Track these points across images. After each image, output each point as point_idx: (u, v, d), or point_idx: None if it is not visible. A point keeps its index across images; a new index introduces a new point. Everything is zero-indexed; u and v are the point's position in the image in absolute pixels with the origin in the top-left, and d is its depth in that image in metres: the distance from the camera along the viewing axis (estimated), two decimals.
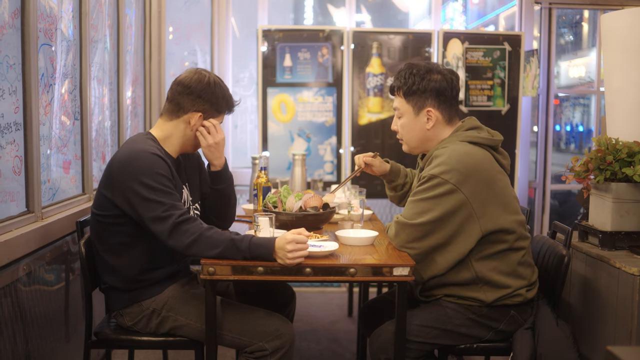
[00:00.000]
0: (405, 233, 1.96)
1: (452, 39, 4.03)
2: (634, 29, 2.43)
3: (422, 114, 2.08)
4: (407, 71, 2.09)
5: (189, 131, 2.07)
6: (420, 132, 2.11)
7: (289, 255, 1.79)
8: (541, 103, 4.43)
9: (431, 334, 2.00)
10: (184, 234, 1.85)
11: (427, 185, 1.96)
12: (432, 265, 1.98)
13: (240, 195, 4.52)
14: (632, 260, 2.15)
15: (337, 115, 4.03)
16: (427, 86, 2.05)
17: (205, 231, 1.86)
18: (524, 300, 2.02)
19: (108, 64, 3.12)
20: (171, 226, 1.85)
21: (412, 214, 1.97)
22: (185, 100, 2.05)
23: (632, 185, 2.26)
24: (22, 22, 2.09)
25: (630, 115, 2.46)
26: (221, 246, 1.83)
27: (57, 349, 2.34)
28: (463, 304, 2.01)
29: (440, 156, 1.98)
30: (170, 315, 2.02)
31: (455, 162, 1.93)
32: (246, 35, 4.59)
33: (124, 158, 1.93)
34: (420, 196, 1.97)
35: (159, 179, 1.89)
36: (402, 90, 2.10)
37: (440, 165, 1.95)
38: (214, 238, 1.85)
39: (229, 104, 2.12)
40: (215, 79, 2.08)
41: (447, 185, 1.92)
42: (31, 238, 2.10)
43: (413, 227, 1.95)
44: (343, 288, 4.34)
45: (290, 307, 2.41)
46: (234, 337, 1.97)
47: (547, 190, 4.49)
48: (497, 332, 2.03)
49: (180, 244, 1.85)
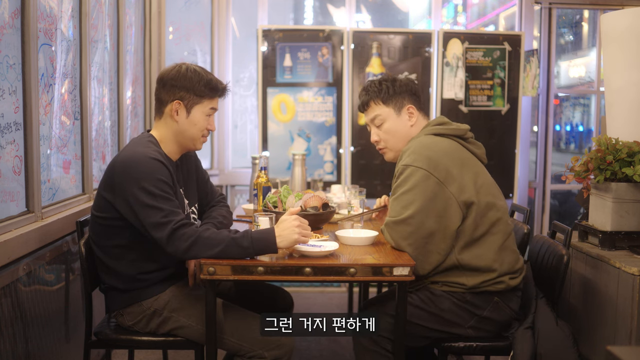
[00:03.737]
0: (396, 231, 2.00)
1: (452, 38, 4.03)
2: (634, 29, 2.43)
3: (403, 112, 2.20)
4: (376, 83, 2.22)
5: (174, 124, 2.05)
6: (404, 130, 2.20)
7: (296, 230, 1.83)
8: (541, 103, 4.43)
9: (417, 315, 2.03)
10: (181, 239, 1.84)
11: (402, 177, 2.03)
12: (430, 257, 2.00)
13: (240, 195, 4.53)
14: (632, 260, 2.15)
15: (337, 115, 4.03)
16: (402, 89, 2.19)
17: (202, 232, 1.85)
18: (507, 287, 2.04)
19: (108, 64, 3.12)
20: (169, 232, 1.84)
21: (398, 210, 2.01)
22: (163, 94, 2.05)
23: (632, 185, 2.26)
24: (22, 22, 2.09)
25: (630, 115, 2.46)
26: (221, 245, 1.83)
27: (57, 349, 2.34)
28: (447, 291, 2.04)
29: (408, 149, 2.08)
30: (172, 316, 2.02)
31: (423, 150, 2.04)
32: (246, 35, 4.59)
33: (125, 161, 1.92)
34: (400, 190, 2.03)
35: (160, 185, 1.88)
36: (378, 98, 2.20)
37: (410, 156, 2.04)
38: (212, 238, 1.84)
39: (210, 86, 2.05)
40: (190, 66, 2.05)
41: (421, 171, 2.00)
42: (31, 238, 2.10)
43: (403, 222, 1.98)
44: (343, 288, 4.34)
45: (289, 313, 2.41)
46: (234, 342, 1.97)
47: (547, 190, 4.48)
48: (481, 318, 2.05)
49: (179, 249, 1.84)
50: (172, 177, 1.96)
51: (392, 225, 2.01)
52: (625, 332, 2.08)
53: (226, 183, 4.44)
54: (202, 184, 2.31)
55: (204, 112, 2.07)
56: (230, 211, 2.38)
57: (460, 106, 4.02)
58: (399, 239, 1.99)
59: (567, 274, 2.16)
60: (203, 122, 2.08)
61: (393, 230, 2.01)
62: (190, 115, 2.05)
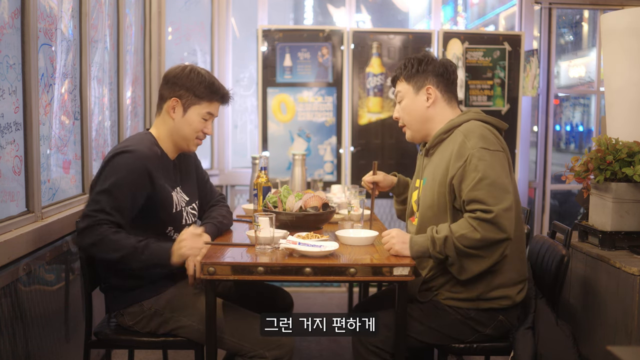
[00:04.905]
0: (506, 218, 1.85)
1: (452, 38, 4.03)
2: (634, 29, 2.43)
3: (422, 92, 2.15)
4: (406, 60, 2.20)
5: (170, 121, 2.07)
6: (420, 110, 2.15)
7: (183, 244, 1.89)
8: (541, 103, 4.43)
9: (417, 330, 2.01)
10: (90, 234, 1.87)
11: (486, 160, 1.91)
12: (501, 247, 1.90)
13: (240, 195, 4.52)
14: (632, 260, 2.15)
15: (337, 115, 4.03)
16: (426, 68, 2.15)
17: (111, 234, 1.87)
18: (512, 304, 2.02)
19: (108, 64, 3.12)
20: (86, 225, 1.87)
21: (497, 198, 1.87)
22: (164, 90, 2.08)
23: (632, 185, 2.26)
24: (22, 22, 2.09)
25: (630, 115, 2.46)
26: (123, 251, 1.87)
27: (57, 349, 2.34)
28: (452, 305, 2.02)
29: (470, 132, 2.00)
30: (173, 316, 2.02)
31: (487, 133, 2.00)
32: (246, 35, 4.59)
33: (112, 154, 1.96)
34: (491, 175, 1.89)
35: (120, 182, 1.90)
36: (402, 75, 2.18)
37: (480, 139, 1.96)
38: (116, 242, 1.87)
39: (211, 89, 2.07)
40: (195, 68, 2.08)
41: (500, 153, 1.96)
42: (31, 238, 2.10)
43: (509, 210, 1.86)
44: (343, 288, 4.34)
45: (289, 313, 2.41)
46: (234, 342, 1.97)
47: (547, 190, 4.48)
48: (482, 335, 2.04)
49: (83, 243, 1.89)
50: (150, 177, 1.96)
51: (504, 214, 1.86)
52: (625, 332, 2.08)
53: (226, 183, 4.44)
54: (201, 184, 2.31)
55: (200, 114, 2.08)
56: (230, 211, 2.38)
57: (460, 106, 4.02)
58: (507, 227, 1.86)
59: (567, 274, 2.16)
60: (198, 124, 2.09)
61: (506, 219, 1.86)
62: (186, 114, 2.07)
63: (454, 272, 1.95)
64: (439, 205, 2.02)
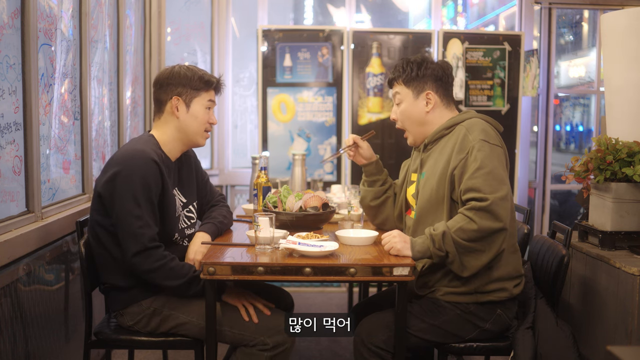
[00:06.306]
0: (502, 207, 1.89)
1: (452, 39, 4.03)
2: (634, 29, 2.43)
3: (422, 97, 2.15)
4: (404, 62, 2.19)
5: (176, 120, 2.10)
6: (419, 115, 2.16)
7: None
8: (541, 103, 4.43)
9: (418, 327, 2.01)
10: (148, 259, 1.92)
11: (485, 151, 1.96)
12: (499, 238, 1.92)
13: (240, 195, 4.53)
14: (632, 260, 2.15)
15: (337, 115, 4.03)
16: (425, 73, 2.14)
17: (169, 262, 1.94)
18: (509, 296, 2.03)
19: (108, 64, 3.12)
20: (141, 247, 1.91)
21: (492, 187, 1.90)
22: (161, 94, 2.11)
23: (632, 185, 2.26)
24: (22, 22, 2.09)
25: (630, 115, 2.46)
26: (181, 279, 1.95)
27: (57, 349, 2.34)
28: (451, 301, 2.02)
29: (472, 126, 2.05)
30: (172, 314, 2.02)
31: (488, 128, 2.06)
32: (246, 35, 4.59)
33: (122, 158, 1.97)
34: (488, 165, 1.93)
35: (147, 191, 1.93)
36: (401, 78, 2.18)
37: (482, 132, 2.02)
38: (175, 270, 1.95)
39: (204, 79, 2.12)
40: (182, 65, 2.15)
41: (498, 148, 2.01)
42: (31, 238, 2.10)
43: (505, 200, 1.90)
44: (343, 288, 4.34)
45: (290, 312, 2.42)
46: (235, 333, 1.98)
47: (547, 190, 4.48)
48: (482, 330, 2.04)
49: (142, 268, 1.93)
50: (162, 179, 1.99)
51: (500, 203, 1.89)
52: (625, 332, 2.08)
53: (226, 183, 4.44)
54: (201, 184, 2.32)
55: (204, 105, 2.13)
56: (230, 211, 2.38)
57: (460, 106, 4.02)
58: (505, 217, 1.89)
59: (567, 274, 2.16)
60: (204, 115, 2.13)
61: (502, 208, 1.89)
62: (190, 109, 2.11)
63: (455, 270, 1.95)
64: (437, 198, 2.04)
